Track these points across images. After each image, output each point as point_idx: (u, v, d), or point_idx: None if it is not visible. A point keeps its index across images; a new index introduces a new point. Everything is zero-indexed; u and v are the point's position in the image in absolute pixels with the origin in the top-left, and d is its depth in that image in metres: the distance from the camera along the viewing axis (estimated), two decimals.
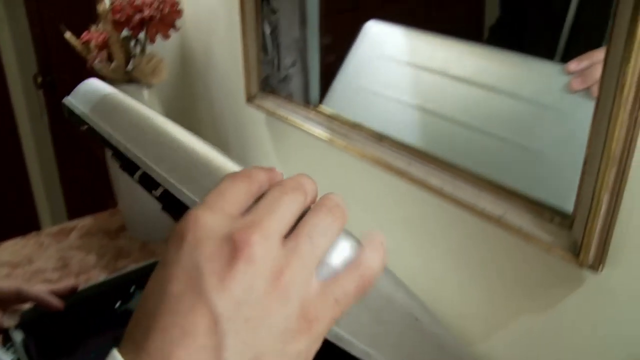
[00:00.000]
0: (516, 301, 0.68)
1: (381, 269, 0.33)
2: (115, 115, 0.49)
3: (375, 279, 0.32)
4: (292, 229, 0.31)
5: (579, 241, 0.55)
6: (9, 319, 0.81)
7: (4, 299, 0.81)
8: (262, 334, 0.28)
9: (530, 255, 0.64)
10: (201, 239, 0.29)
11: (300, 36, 0.87)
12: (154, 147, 0.43)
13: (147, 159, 0.42)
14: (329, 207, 0.32)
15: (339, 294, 0.31)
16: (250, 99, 0.99)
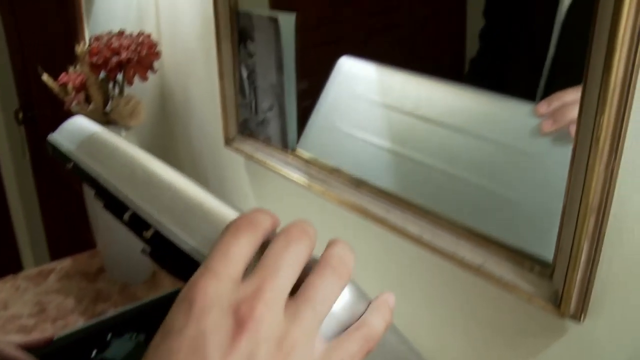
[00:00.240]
0: (497, 350, 0.66)
1: (385, 329, 0.33)
2: (103, 153, 0.48)
3: (378, 339, 0.33)
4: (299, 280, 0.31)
5: (559, 291, 0.55)
6: None
7: None
8: None
9: (511, 304, 0.63)
10: (208, 308, 0.29)
11: (277, 81, 0.86)
12: (145, 187, 0.42)
13: (138, 200, 0.41)
14: (334, 267, 0.32)
15: (343, 356, 0.31)
16: (228, 142, 0.98)
